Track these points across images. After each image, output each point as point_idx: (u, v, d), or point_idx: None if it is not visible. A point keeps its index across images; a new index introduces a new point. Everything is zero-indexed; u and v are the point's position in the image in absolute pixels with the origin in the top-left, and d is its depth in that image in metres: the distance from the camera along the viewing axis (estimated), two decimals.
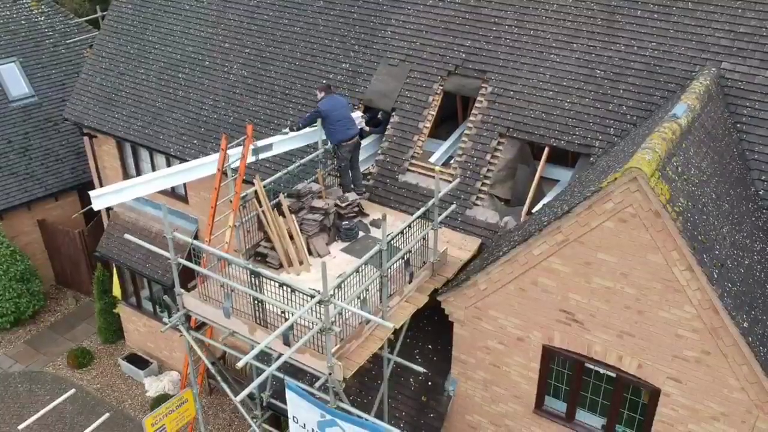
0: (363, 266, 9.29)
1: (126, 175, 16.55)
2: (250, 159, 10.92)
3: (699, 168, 8.99)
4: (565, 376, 10.02)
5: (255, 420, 11.93)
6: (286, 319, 8.77)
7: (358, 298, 9.21)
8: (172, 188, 15.59)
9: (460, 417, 11.31)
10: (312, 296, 8.61)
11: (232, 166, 10.57)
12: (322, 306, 8.40)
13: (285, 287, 8.98)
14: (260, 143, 11.19)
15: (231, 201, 10.41)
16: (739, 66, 10.44)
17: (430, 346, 11.55)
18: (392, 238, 9.60)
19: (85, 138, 16.78)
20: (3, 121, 19.67)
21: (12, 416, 16.51)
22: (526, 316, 9.83)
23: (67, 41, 21.16)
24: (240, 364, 7.92)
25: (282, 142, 11.60)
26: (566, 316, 9.44)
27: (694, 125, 9.22)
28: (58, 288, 20.64)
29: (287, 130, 11.63)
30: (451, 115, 13.68)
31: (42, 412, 16.45)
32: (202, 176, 11.23)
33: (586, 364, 9.67)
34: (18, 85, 20.17)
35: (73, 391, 17.16)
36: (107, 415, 16.41)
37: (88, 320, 19.43)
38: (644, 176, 7.93)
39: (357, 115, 12.21)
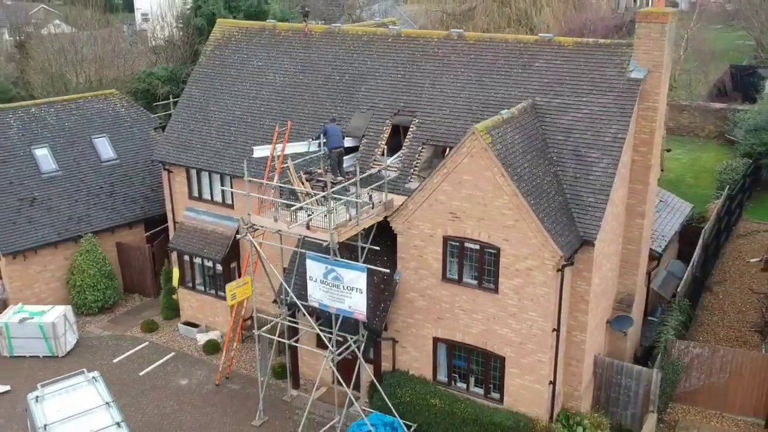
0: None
1: (191, 196, 25.36)
2: (298, 149, 19.95)
3: (513, 139, 18.18)
4: (455, 251, 18.63)
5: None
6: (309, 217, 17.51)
7: (347, 206, 18.00)
8: (223, 199, 24.45)
9: (402, 295, 19.70)
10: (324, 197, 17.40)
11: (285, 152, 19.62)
12: (328, 200, 17.20)
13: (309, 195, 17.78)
14: (297, 144, 20.31)
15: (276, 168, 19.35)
16: (545, 99, 19.88)
17: (385, 258, 20.00)
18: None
19: (164, 172, 25.74)
20: (97, 174, 28.61)
21: (106, 356, 24.28)
22: (433, 220, 18.59)
23: (138, 125, 30.57)
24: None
25: (305, 145, 20.73)
26: (452, 215, 18.23)
27: (512, 120, 18.51)
28: (125, 293, 28.71)
29: (311, 139, 20.78)
30: (396, 136, 22.94)
31: (128, 353, 24.38)
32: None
33: (465, 243, 18.34)
34: (107, 152, 29.29)
35: (147, 343, 25.12)
36: (172, 353, 24.41)
37: (150, 310, 27.43)
38: (478, 131, 17.09)
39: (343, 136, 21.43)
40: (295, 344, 21.05)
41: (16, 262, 26.13)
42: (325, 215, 17.69)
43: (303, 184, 19.36)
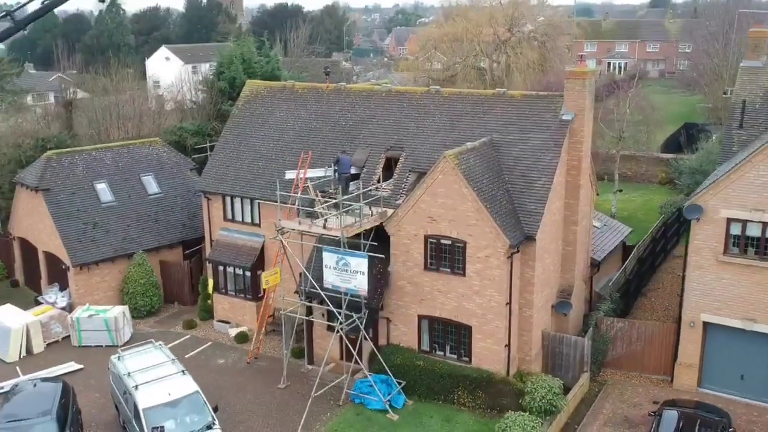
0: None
1: (225, 218, 31.73)
2: (317, 173, 26.41)
3: (474, 163, 24.79)
4: (433, 246, 24.96)
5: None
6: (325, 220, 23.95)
7: (352, 211, 24.44)
8: (251, 219, 30.84)
9: (395, 282, 25.92)
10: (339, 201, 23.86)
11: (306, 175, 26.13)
12: (339, 207, 23.65)
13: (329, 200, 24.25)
14: (317, 170, 26.82)
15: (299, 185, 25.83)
16: (500, 136, 26.57)
17: (382, 256, 26.26)
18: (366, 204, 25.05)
19: (204, 200, 32.17)
20: (144, 204, 35.01)
21: None
22: (416, 223, 25.00)
23: (177, 166, 37.17)
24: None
25: (323, 171, 27.22)
26: (430, 219, 24.66)
27: (474, 150, 25.16)
28: (166, 303, 34.68)
29: (327, 166, 27.28)
30: (389, 166, 29.53)
31: (174, 343, 30.29)
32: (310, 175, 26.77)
33: (440, 240, 24.70)
34: (152, 187, 35.79)
35: (188, 336, 31.10)
36: (210, 343, 30.41)
37: (188, 314, 33.39)
38: (448, 156, 23.72)
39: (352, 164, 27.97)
40: (311, 320, 27.09)
41: (82, 272, 32.31)
42: (337, 217, 24.12)
43: (318, 196, 25.84)
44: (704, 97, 70.81)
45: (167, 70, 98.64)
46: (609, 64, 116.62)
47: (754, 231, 23.17)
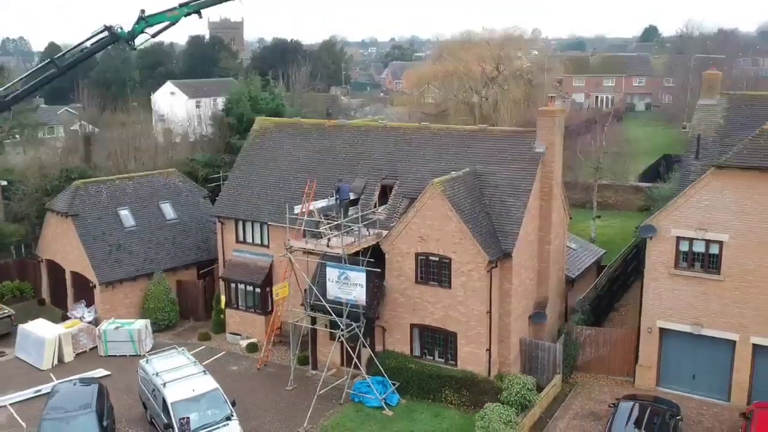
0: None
1: (237, 240, 35.30)
2: (322, 204, 30.04)
3: (459, 189, 28.49)
4: (423, 262, 28.52)
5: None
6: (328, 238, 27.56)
7: (349, 231, 28.05)
8: (261, 241, 34.41)
9: (390, 294, 29.44)
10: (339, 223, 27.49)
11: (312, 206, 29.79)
12: (341, 229, 27.27)
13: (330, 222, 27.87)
14: (321, 201, 30.48)
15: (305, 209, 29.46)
16: (481, 166, 30.30)
17: (377, 270, 29.76)
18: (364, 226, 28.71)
19: (218, 224, 35.77)
20: (163, 229, 38.60)
21: None
22: (408, 242, 28.60)
23: (191, 194, 40.84)
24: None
25: (326, 201, 30.85)
26: (420, 238, 28.28)
27: (458, 178, 28.87)
28: (182, 319, 38.06)
29: (329, 197, 30.88)
30: (384, 193, 33.20)
31: (191, 352, 33.56)
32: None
33: (429, 257, 28.29)
34: (169, 213, 39.41)
35: (204, 346, 34.46)
36: (223, 352, 33.77)
37: (202, 328, 36.79)
38: (435, 183, 27.43)
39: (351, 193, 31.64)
40: (315, 328, 30.51)
41: (107, 290, 35.78)
42: (339, 237, 27.73)
43: (322, 219, 29.48)
44: (687, 130, 75.24)
45: (173, 104, 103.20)
46: (597, 98, 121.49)
47: (699, 248, 26.80)
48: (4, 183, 48.24)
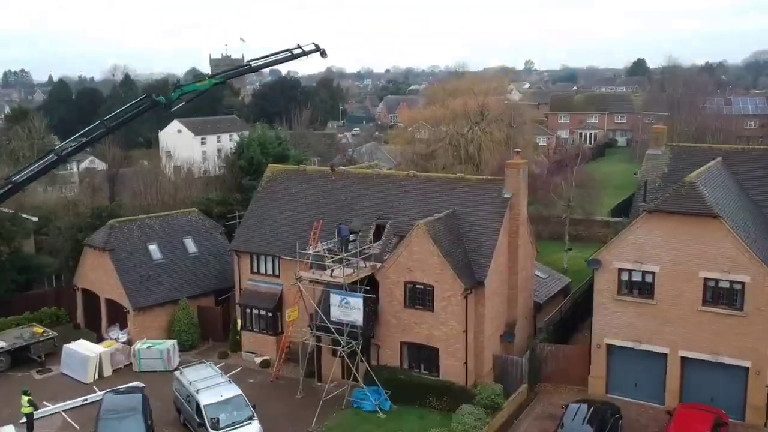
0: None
1: (252, 271, 41.00)
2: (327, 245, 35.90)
3: (440, 229, 34.34)
4: (410, 290, 34.27)
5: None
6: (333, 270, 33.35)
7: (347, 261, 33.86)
8: (273, 271, 40.13)
9: (383, 317, 35.13)
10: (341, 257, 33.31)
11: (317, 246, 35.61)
12: (343, 262, 33.08)
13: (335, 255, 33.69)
14: (327, 242, 36.30)
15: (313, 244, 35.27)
16: (460, 209, 36.17)
17: (373, 295, 35.44)
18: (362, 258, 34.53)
19: (235, 257, 41.52)
20: (186, 261, 44.32)
21: None
22: (397, 273, 34.38)
23: (210, 231, 46.62)
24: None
25: (330, 242, 36.68)
26: (408, 269, 34.07)
27: (440, 219, 34.74)
28: (202, 341, 43.57)
29: (332, 239, 36.72)
30: (378, 231, 39.01)
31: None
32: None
33: (416, 285, 34.04)
34: (191, 247, 45.14)
35: (223, 363, 39.97)
36: (240, 368, 39.32)
37: (221, 347, 42.29)
38: (420, 224, 33.31)
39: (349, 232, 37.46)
40: (320, 345, 36.11)
41: (139, 315, 41.39)
42: (340, 269, 33.50)
43: (326, 254, 35.29)
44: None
45: (178, 141, 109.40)
46: (581, 134, 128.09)
47: (636, 277, 32.59)
48: (36, 219, 53.81)
